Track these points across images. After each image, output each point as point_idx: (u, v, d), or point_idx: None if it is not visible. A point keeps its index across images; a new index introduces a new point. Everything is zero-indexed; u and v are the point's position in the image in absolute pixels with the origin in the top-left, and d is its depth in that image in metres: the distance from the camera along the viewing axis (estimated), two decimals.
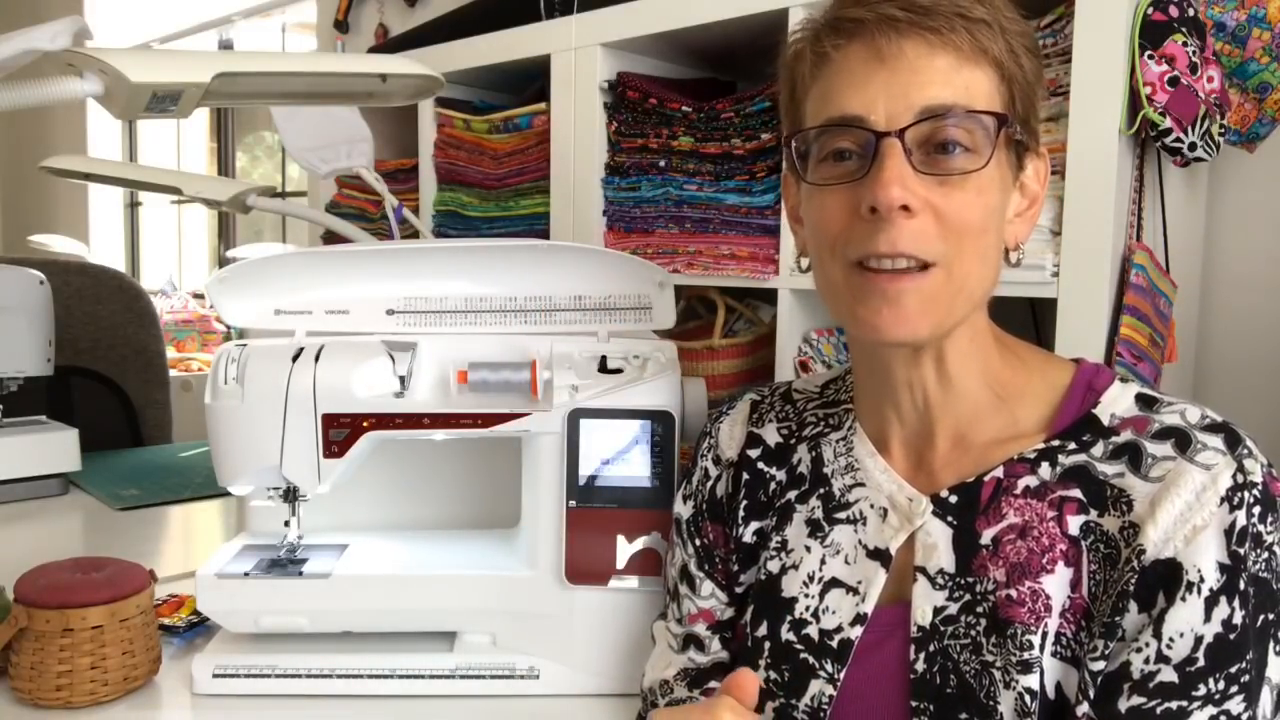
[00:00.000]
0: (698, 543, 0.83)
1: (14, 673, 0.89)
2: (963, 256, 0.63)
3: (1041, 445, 0.67)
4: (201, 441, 1.99)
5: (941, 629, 0.66)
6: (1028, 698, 0.62)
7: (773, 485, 0.79)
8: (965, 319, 0.67)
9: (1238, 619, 0.58)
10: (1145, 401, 0.66)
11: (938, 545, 0.67)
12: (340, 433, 0.92)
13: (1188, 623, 0.58)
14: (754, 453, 0.80)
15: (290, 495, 0.97)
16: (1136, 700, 0.59)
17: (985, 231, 0.64)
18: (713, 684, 0.80)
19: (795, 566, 0.74)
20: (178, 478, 1.74)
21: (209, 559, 0.97)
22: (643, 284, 1.00)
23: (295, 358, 0.93)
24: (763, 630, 0.74)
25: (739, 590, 0.80)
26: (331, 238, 1.82)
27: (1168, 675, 0.59)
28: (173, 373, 2.36)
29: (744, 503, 0.79)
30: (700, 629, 0.82)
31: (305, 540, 1.00)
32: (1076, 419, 0.67)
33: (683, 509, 0.85)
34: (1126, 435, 0.65)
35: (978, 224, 0.63)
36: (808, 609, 0.72)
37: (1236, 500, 0.59)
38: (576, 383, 0.93)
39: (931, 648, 0.66)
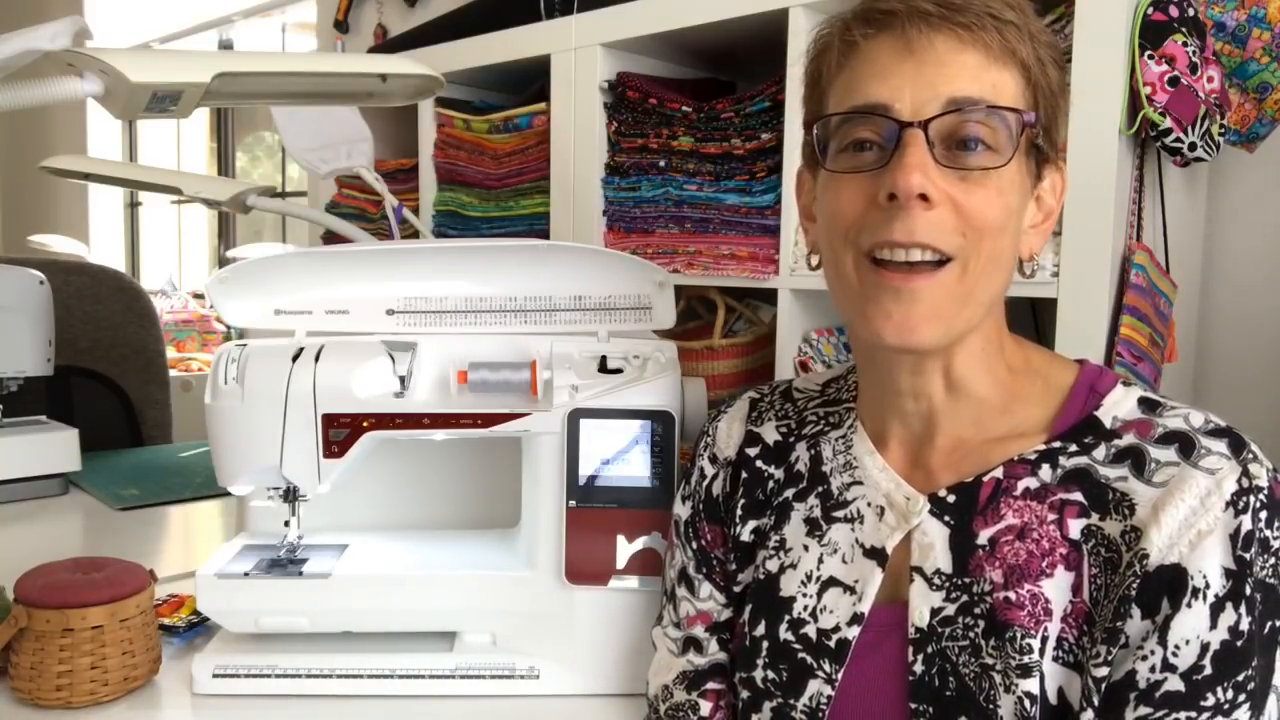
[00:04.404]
0: (695, 545, 0.82)
1: (14, 673, 0.89)
2: (980, 254, 0.63)
3: (1042, 446, 0.66)
4: (201, 441, 1.99)
5: (939, 630, 0.65)
6: (1027, 702, 0.61)
7: (770, 484, 0.78)
8: (975, 325, 0.66)
9: (1244, 625, 0.58)
10: (1148, 405, 0.66)
11: (934, 545, 0.67)
12: (340, 433, 0.92)
13: (1194, 630, 0.58)
14: (752, 451, 0.80)
15: (290, 495, 0.97)
16: (1143, 710, 0.59)
17: (1004, 232, 0.64)
18: (710, 685, 0.80)
19: (793, 565, 0.74)
20: (178, 478, 1.74)
21: (209, 559, 0.97)
22: (643, 284, 1.00)
23: (295, 358, 0.93)
24: (761, 629, 0.74)
25: (736, 590, 0.80)
26: (331, 238, 1.82)
27: (1174, 684, 0.58)
28: (173, 373, 2.36)
29: (742, 501, 0.79)
30: (699, 631, 0.81)
31: (305, 540, 1.00)
32: (1078, 421, 0.66)
33: (681, 510, 0.84)
34: (1129, 439, 0.64)
35: (997, 222, 0.63)
36: (805, 608, 0.72)
37: (1242, 505, 0.59)
38: (576, 383, 0.93)
39: (930, 649, 0.65)
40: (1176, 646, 0.58)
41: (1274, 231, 1.25)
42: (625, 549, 0.92)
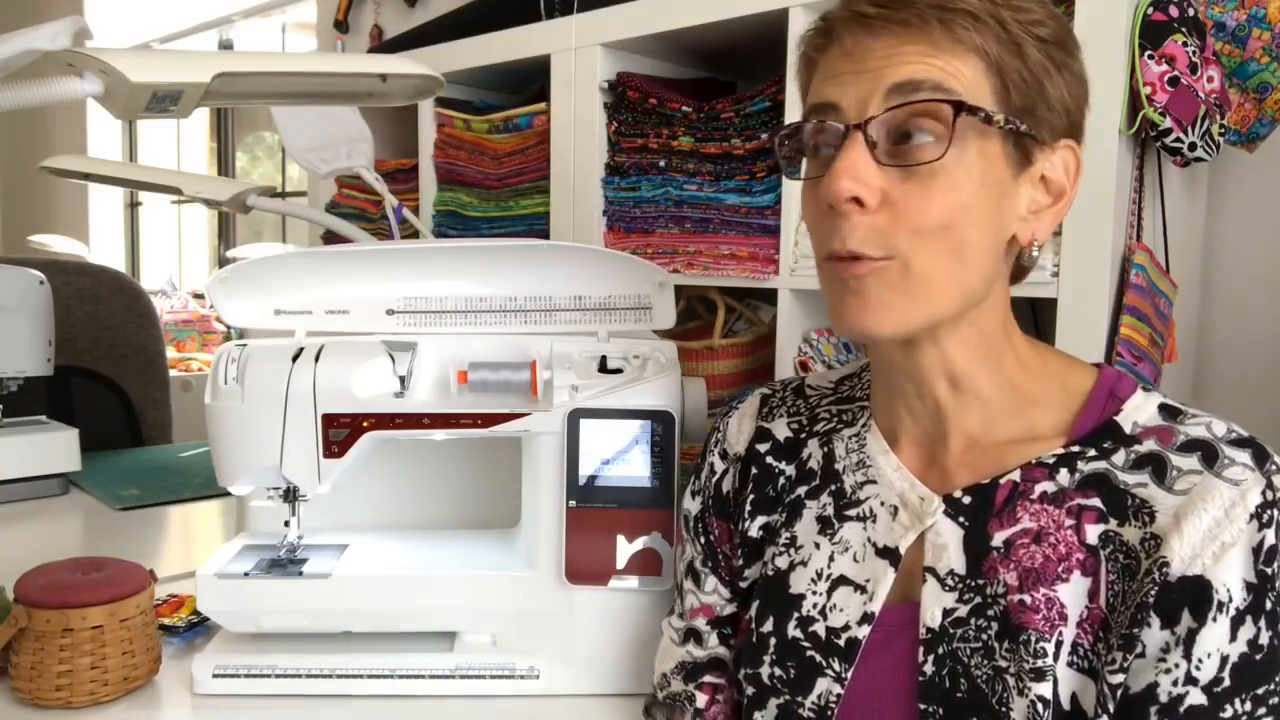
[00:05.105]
0: (703, 540, 0.83)
1: (14, 673, 0.89)
2: (921, 254, 0.61)
3: (1061, 450, 0.66)
4: (201, 441, 1.99)
5: (951, 631, 0.65)
6: (1040, 706, 0.61)
7: (781, 480, 0.78)
8: (944, 317, 0.65)
9: (1264, 639, 0.58)
10: (1169, 412, 0.65)
11: (948, 546, 0.67)
12: (340, 433, 0.92)
13: (1215, 643, 0.58)
14: (762, 447, 0.80)
15: (290, 495, 0.97)
16: None
17: (951, 228, 0.62)
18: (707, 678, 0.80)
19: (804, 563, 0.74)
20: (178, 478, 1.74)
21: (209, 559, 0.97)
22: (643, 284, 1.00)
23: (295, 358, 0.93)
24: (768, 626, 0.74)
25: (743, 585, 0.80)
26: (331, 238, 1.82)
27: (1196, 698, 0.58)
28: (173, 373, 2.36)
29: (751, 497, 0.79)
30: (700, 623, 0.82)
31: (305, 540, 1.00)
32: (1097, 426, 0.66)
33: (691, 505, 0.84)
34: (1150, 445, 0.64)
35: (939, 221, 0.61)
36: (815, 606, 0.72)
37: (1266, 519, 0.58)
38: (576, 383, 0.93)
39: (941, 650, 0.65)
40: (1199, 660, 0.58)
41: (1274, 231, 1.25)
42: (625, 549, 0.92)
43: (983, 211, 0.63)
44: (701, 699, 0.80)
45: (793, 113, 1.20)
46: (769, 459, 0.79)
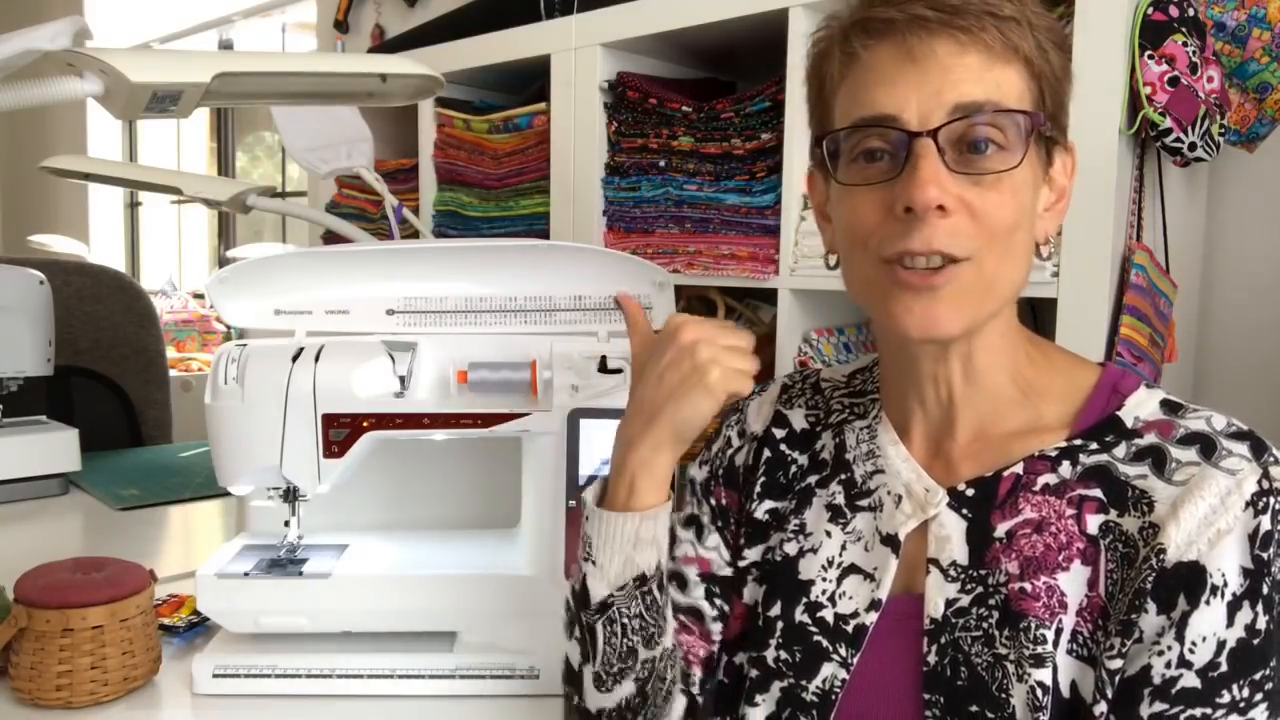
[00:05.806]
0: (713, 502, 0.82)
1: (14, 673, 0.89)
2: (994, 254, 0.63)
3: (1063, 443, 0.67)
4: (201, 441, 1.99)
5: (953, 621, 0.66)
6: (1039, 692, 0.61)
7: (793, 469, 0.79)
8: (996, 315, 0.67)
9: (1261, 624, 0.58)
10: (1170, 407, 0.66)
11: (951, 537, 0.68)
12: (340, 433, 0.92)
13: (1210, 627, 0.58)
14: (779, 432, 0.81)
15: (290, 495, 0.97)
16: (1159, 707, 0.59)
17: (1017, 229, 0.64)
18: (682, 618, 0.79)
19: (813, 550, 0.74)
20: (178, 478, 1.74)
21: (209, 559, 0.97)
22: (643, 284, 1.00)
23: (295, 358, 0.93)
24: (775, 610, 0.74)
25: (741, 564, 0.80)
26: (331, 238, 1.82)
27: (1190, 681, 0.58)
28: (173, 373, 2.37)
29: (762, 479, 0.79)
30: (691, 572, 0.80)
31: (305, 540, 1.00)
32: (1100, 419, 0.67)
33: (697, 472, 0.84)
34: (1150, 438, 0.65)
35: (1010, 222, 0.63)
36: (824, 593, 0.72)
37: (1261, 505, 0.59)
38: (576, 383, 0.93)
39: (943, 640, 0.66)
40: (1193, 643, 0.59)
41: (1274, 231, 1.25)
42: None
43: (1030, 213, 0.66)
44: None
45: (793, 110, 1.20)
46: (783, 446, 0.80)
